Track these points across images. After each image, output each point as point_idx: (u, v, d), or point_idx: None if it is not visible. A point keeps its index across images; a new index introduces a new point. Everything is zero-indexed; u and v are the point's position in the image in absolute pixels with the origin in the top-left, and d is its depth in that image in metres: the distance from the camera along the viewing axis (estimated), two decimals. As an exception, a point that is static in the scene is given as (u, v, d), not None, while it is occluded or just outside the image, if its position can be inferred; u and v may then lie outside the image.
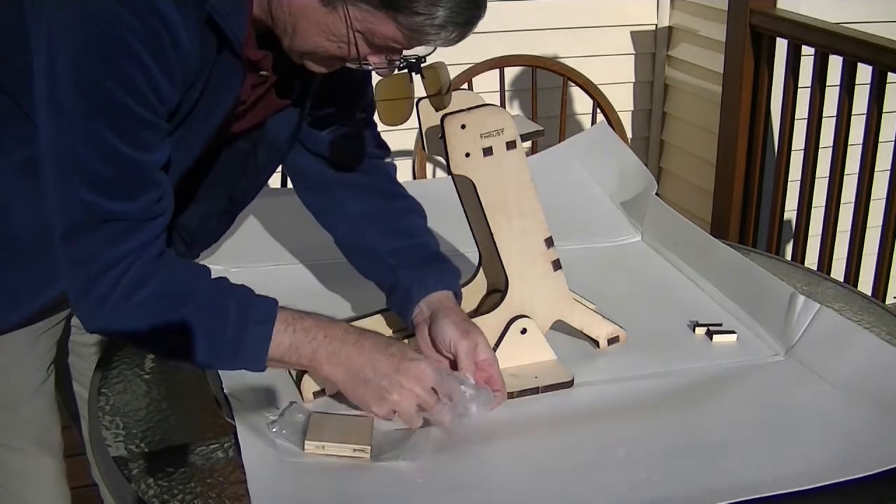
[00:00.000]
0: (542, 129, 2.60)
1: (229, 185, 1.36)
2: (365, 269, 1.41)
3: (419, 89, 1.19)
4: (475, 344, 1.24)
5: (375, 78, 1.18)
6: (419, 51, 1.14)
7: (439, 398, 1.17)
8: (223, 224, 1.42)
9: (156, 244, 1.13)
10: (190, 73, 1.11)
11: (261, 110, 1.28)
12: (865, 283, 2.54)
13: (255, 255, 1.64)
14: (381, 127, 1.41)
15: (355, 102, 1.38)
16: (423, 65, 1.16)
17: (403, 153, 2.94)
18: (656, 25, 3.25)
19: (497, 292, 1.35)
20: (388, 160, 1.46)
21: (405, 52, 1.14)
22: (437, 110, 1.24)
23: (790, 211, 2.75)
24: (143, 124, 1.08)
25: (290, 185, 1.50)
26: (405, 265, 1.34)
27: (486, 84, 2.62)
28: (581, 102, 3.02)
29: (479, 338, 1.25)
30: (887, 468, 1.11)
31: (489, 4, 1.13)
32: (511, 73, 2.88)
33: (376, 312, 1.37)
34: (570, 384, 1.30)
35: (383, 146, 1.45)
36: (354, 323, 1.34)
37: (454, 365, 1.24)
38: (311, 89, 1.30)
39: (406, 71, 1.15)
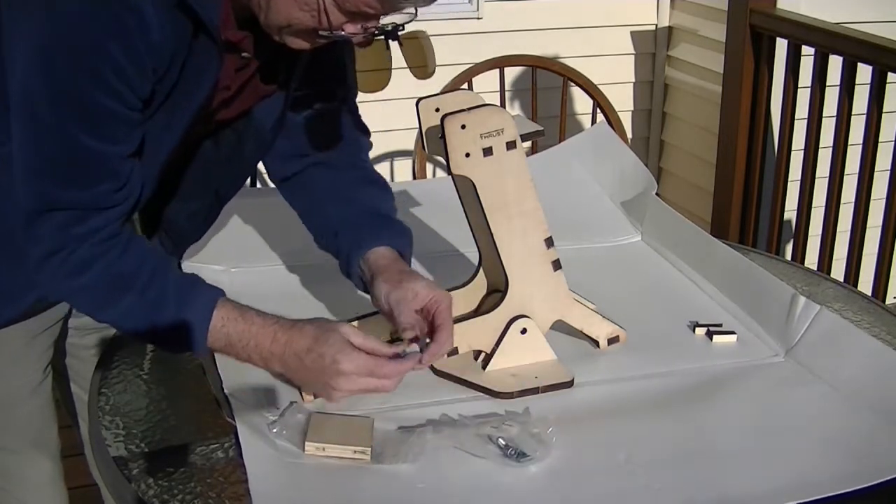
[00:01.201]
0: (542, 129, 2.59)
1: (216, 179, 1.37)
2: (320, 241, 1.42)
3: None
4: (413, 292, 1.23)
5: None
6: (398, 19, 1.14)
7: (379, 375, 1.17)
8: (210, 220, 1.43)
9: (106, 229, 1.14)
10: (163, 61, 1.11)
11: (247, 97, 1.29)
12: (865, 283, 2.54)
13: (255, 255, 1.64)
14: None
15: (337, 86, 1.39)
16: (401, 33, 1.15)
17: (403, 153, 2.94)
18: (656, 25, 3.25)
19: (497, 292, 1.35)
20: (369, 140, 1.47)
21: (384, 21, 1.13)
22: (420, 79, 1.23)
23: (790, 211, 2.75)
24: (109, 116, 1.09)
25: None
26: (346, 229, 1.34)
27: (486, 84, 2.62)
28: (581, 102, 3.02)
29: (415, 284, 1.24)
30: (887, 479, 1.10)
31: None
32: (511, 73, 2.88)
33: (376, 312, 1.37)
34: (570, 384, 1.30)
35: (365, 130, 1.45)
36: (354, 323, 1.34)
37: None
38: (295, 74, 1.30)
39: (382, 38, 1.15)
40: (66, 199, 1.12)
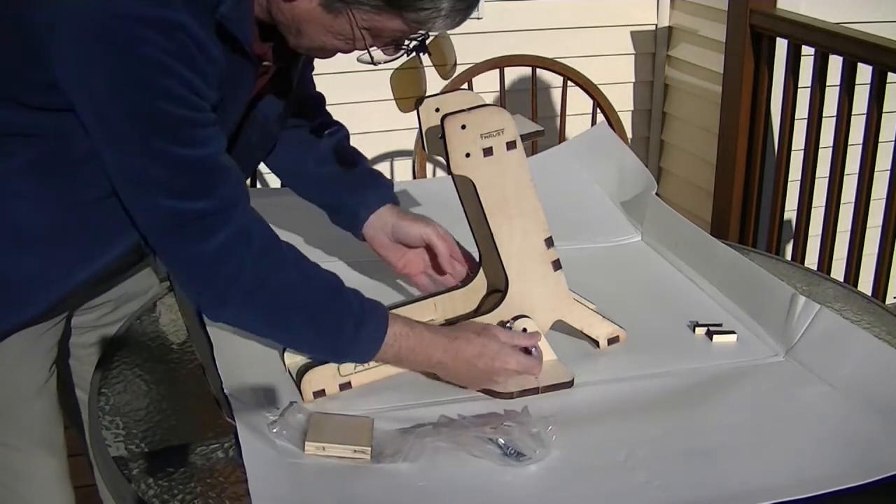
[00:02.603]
0: (542, 129, 2.58)
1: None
2: (309, 193, 1.51)
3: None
4: (436, 229, 1.43)
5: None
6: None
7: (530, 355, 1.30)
8: None
9: (252, 233, 1.16)
10: (218, 73, 1.13)
11: (258, 95, 1.32)
12: (865, 283, 2.54)
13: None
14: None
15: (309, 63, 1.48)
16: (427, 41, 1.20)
17: (403, 153, 2.94)
18: (656, 25, 3.25)
19: (497, 292, 1.35)
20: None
21: None
22: (445, 78, 1.28)
23: (790, 211, 2.75)
24: (194, 125, 1.11)
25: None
26: (347, 188, 1.47)
27: (486, 84, 2.62)
28: (581, 102, 3.01)
29: (434, 224, 1.44)
30: (886, 476, 1.10)
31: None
32: (511, 73, 2.88)
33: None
34: (570, 384, 1.30)
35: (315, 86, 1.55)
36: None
37: (431, 253, 1.44)
38: (296, 69, 1.35)
39: (414, 54, 1.20)
40: (199, 209, 1.13)
